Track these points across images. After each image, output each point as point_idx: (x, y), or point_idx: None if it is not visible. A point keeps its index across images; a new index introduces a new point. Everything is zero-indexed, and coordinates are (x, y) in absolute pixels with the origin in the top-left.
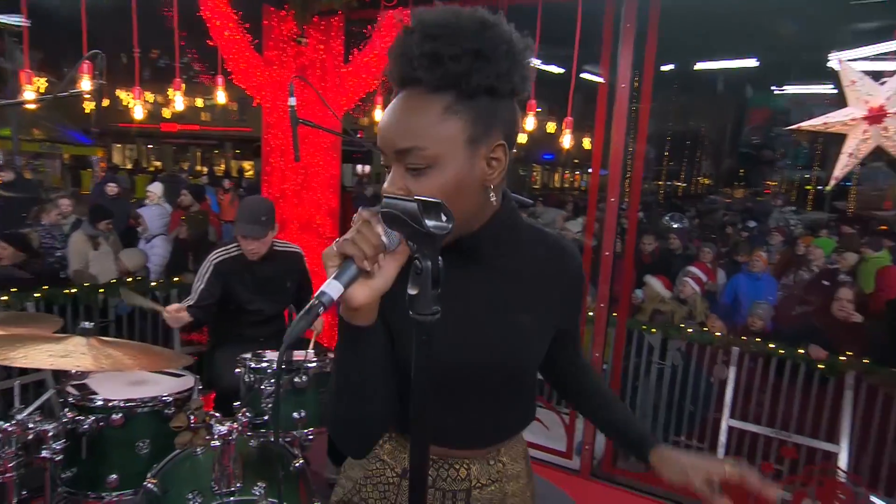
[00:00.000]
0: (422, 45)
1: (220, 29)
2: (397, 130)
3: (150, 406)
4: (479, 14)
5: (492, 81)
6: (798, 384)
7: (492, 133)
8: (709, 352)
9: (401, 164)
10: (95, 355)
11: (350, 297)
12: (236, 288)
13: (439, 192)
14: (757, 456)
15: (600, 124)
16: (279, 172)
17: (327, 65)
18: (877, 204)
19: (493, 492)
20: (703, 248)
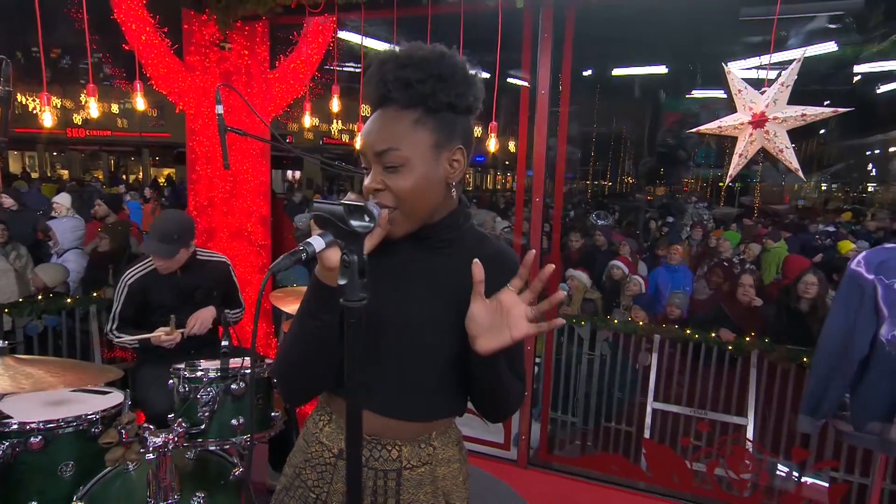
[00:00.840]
0: (395, 72)
1: (137, 33)
2: (376, 136)
3: (73, 426)
4: (439, 48)
5: (451, 99)
6: (711, 366)
7: (453, 140)
8: (633, 340)
9: (379, 163)
10: (13, 375)
11: (328, 256)
12: (156, 301)
13: (412, 185)
14: (679, 434)
15: (523, 128)
16: (206, 180)
17: (253, 70)
18: (777, 199)
19: (422, 473)
20: (622, 243)
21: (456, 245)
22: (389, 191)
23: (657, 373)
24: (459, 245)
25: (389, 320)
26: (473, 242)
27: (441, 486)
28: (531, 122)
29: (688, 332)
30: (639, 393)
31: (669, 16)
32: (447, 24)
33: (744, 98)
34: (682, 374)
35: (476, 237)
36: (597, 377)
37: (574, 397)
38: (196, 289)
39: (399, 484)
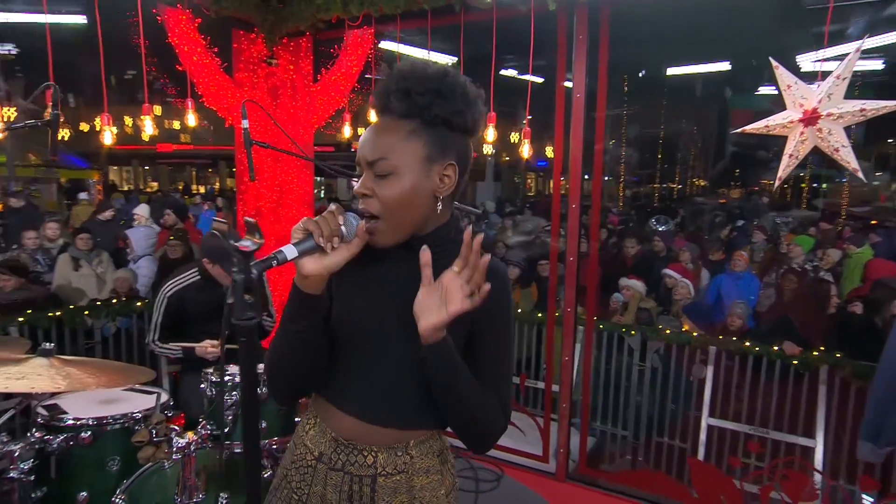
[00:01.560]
0: (397, 83)
1: (189, 54)
2: (370, 145)
3: (120, 423)
4: (443, 67)
5: (447, 115)
6: (774, 381)
7: (445, 155)
8: (686, 352)
9: (370, 171)
10: (52, 375)
11: (302, 265)
12: (192, 313)
13: (398, 195)
14: (739, 453)
15: (559, 131)
16: (254, 191)
17: (297, 84)
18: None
19: (398, 481)
20: (683, 249)
21: (445, 258)
22: (376, 198)
23: (713, 387)
24: (449, 258)
25: (371, 326)
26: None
27: (418, 496)
28: (567, 126)
29: (746, 345)
30: (693, 407)
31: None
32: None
33: (794, 94)
34: (740, 388)
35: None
36: (647, 389)
37: (624, 409)
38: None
39: (374, 490)
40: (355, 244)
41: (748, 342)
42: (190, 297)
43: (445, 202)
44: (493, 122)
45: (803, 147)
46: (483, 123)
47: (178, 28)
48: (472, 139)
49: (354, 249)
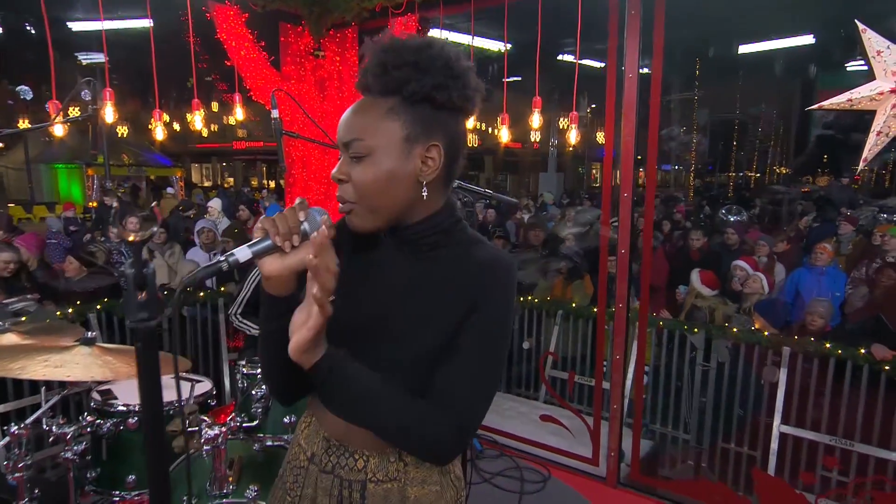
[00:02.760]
0: (374, 58)
1: (237, 49)
2: (345, 125)
3: (168, 409)
4: (428, 39)
5: (428, 90)
6: (862, 388)
7: (429, 136)
8: (757, 352)
9: (346, 153)
10: (89, 364)
11: (263, 265)
12: None
13: (373, 178)
14: (815, 466)
15: (610, 117)
16: (301, 183)
17: (344, 75)
18: None
19: (388, 489)
20: (759, 241)
21: (441, 249)
22: (352, 182)
23: (786, 391)
24: (446, 249)
25: (359, 324)
26: (463, 247)
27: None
28: (618, 111)
29: (827, 346)
30: (764, 413)
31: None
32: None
33: (885, 61)
34: (820, 395)
35: (467, 241)
36: (712, 391)
37: (687, 411)
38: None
39: (363, 497)
40: (317, 243)
41: (829, 343)
42: None
43: (433, 187)
44: (538, 107)
45: (895, 122)
46: (478, 98)
47: (226, 23)
48: (465, 117)
49: (316, 249)
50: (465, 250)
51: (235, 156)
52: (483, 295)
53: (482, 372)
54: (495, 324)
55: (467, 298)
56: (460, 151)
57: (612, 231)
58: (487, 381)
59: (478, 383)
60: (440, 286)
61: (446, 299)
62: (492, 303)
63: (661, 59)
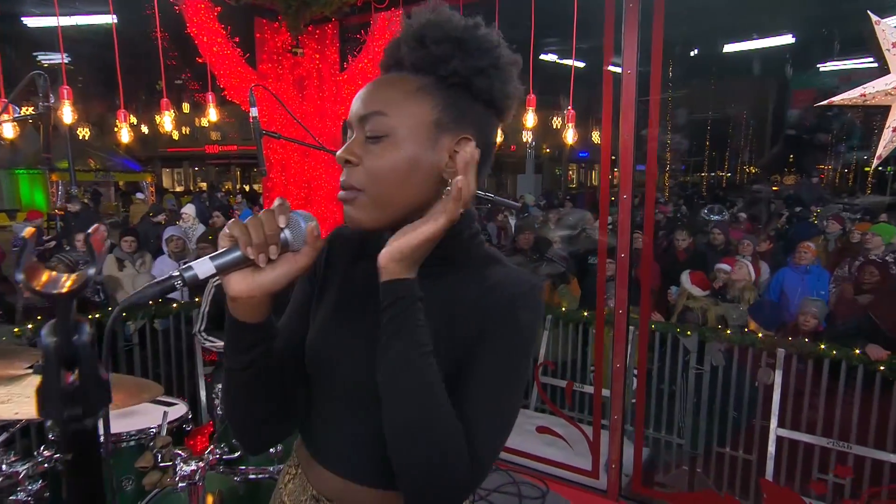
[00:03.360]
0: (410, 29)
1: (209, 45)
2: (364, 97)
3: (136, 439)
4: (477, 20)
5: (469, 73)
6: (857, 388)
7: (462, 127)
8: (751, 354)
9: (360, 131)
10: None
11: (228, 283)
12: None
13: (391, 163)
14: (814, 468)
15: (607, 116)
16: (281, 187)
17: (324, 74)
18: None
19: None
20: (743, 240)
21: (453, 267)
22: (362, 166)
23: (782, 393)
24: (459, 268)
25: (352, 358)
26: (477, 266)
27: None
28: (616, 110)
29: (822, 348)
30: (759, 416)
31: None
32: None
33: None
34: (815, 396)
35: (483, 259)
36: (706, 394)
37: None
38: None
39: None
40: (304, 255)
41: (823, 345)
42: None
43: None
44: (532, 105)
45: None
46: (515, 104)
47: (197, 17)
48: (498, 120)
49: (303, 262)
50: (480, 269)
51: (208, 160)
52: (500, 320)
53: (500, 404)
54: (514, 351)
55: (480, 323)
56: (490, 155)
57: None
58: (505, 414)
59: (494, 416)
60: (448, 308)
61: (456, 323)
62: (509, 330)
63: (661, 55)
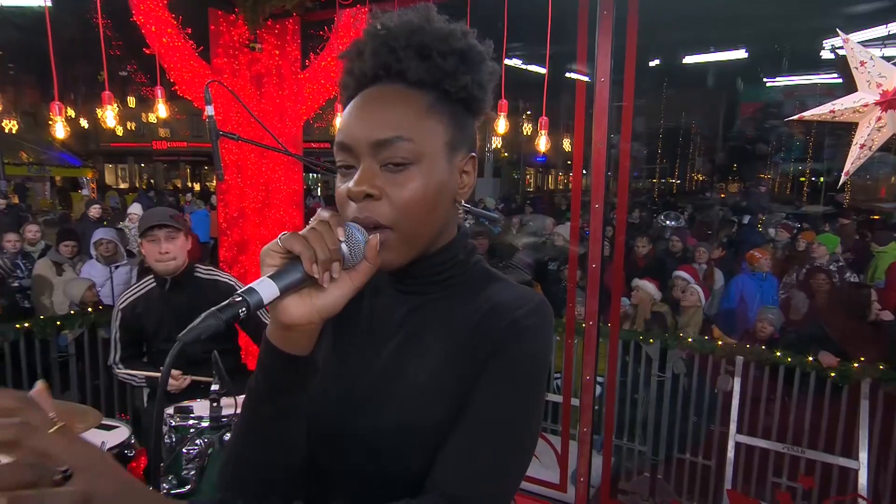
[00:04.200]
0: (410, 38)
1: (158, 35)
2: (376, 120)
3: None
4: (461, 26)
5: (472, 88)
6: (809, 394)
7: (465, 143)
8: (711, 361)
9: (375, 159)
10: None
11: (285, 309)
12: (152, 327)
13: (421, 196)
14: (769, 472)
15: (580, 123)
16: (237, 190)
17: (284, 71)
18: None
19: None
20: (698, 247)
21: (452, 288)
22: (387, 200)
23: (741, 400)
24: (458, 288)
25: (354, 395)
26: (478, 285)
27: None
28: (588, 117)
29: (778, 355)
30: (719, 422)
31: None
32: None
33: (868, 72)
34: (772, 402)
35: (482, 277)
36: (668, 401)
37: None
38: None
39: None
40: (363, 271)
41: (779, 352)
42: (146, 307)
43: (456, 209)
44: (504, 110)
45: (879, 135)
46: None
47: (144, 4)
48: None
49: (362, 280)
50: (482, 289)
51: (156, 156)
52: (506, 343)
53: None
54: (523, 377)
55: (484, 349)
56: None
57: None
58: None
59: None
60: (453, 334)
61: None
62: (517, 353)
63: (635, 63)
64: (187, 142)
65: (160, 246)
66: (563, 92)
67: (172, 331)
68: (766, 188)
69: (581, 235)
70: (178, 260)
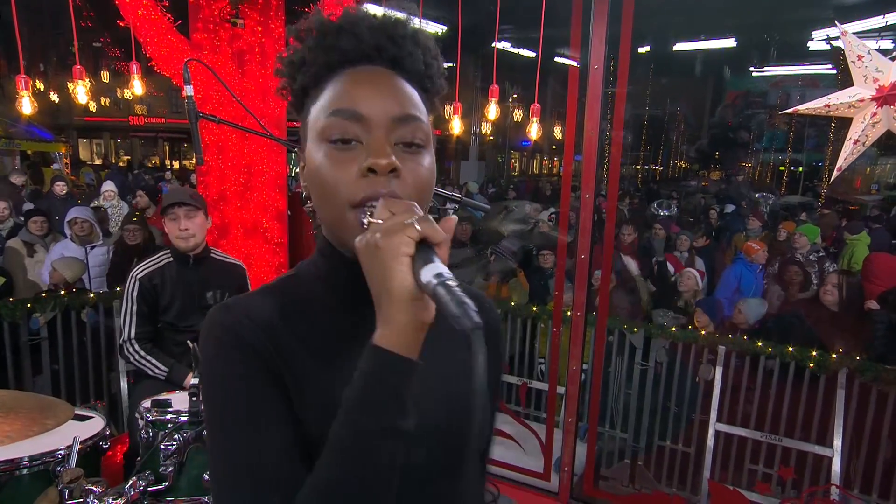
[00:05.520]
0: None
1: (132, 7)
2: (397, 97)
3: (38, 465)
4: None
5: (440, 82)
6: (787, 384)
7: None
8: (693, 351)
9: (390, 135)
10: None
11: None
12: (165, 301)
13: (430, 178)
14: (745, 460)
15: (572, 109)
16: (217, 171)
17: (267, 49)
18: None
19: None
20: (680, 235)
21: None
22: (402, 182)
23: (721, 389)
24: None
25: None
26: None
27: None
28: (581, 104)
29: (759, 345)
30: (699, 411)
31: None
32: None
33: (865, 66)
34: (751, 391)
35: None
36: (650, 390)
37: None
38: (208, 290)
39: None
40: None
41: (760, 342)
42: (161, 280)
43: None
44: (496, 96)
45: (874, 131)
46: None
47: None
48: None
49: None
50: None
51: (132, 132)
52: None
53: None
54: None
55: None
56: None
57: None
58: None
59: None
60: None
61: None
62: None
63: (629, 50)
64: (165, 118)
65: (180, 223)
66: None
67: (183, 306)
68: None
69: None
70: (197, 237)
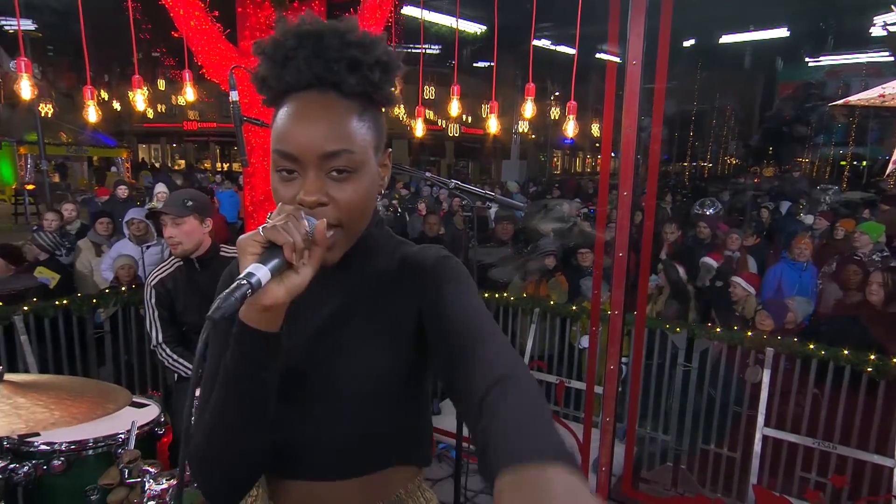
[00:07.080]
0: (341, 50)
1: (185, 18)
2: (324, 132)
3: (102, 447)
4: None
5: (388, 93)
6: (843, 388)
7: (383, 141)
8: (739, 352)
9: (322, 169)
10: None
11: (266, 291)
12: (181, 306)
13: (361, 197)
14: (796, 468)
15: (609, 106)
16: (263, 173)
17: None
18: None
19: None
20: (730, 234)
21: (372, 256)
22: (334, 204)
23: (769, 392)
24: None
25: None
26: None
27: None
28: (619, 100)
29: (811, 347)
30: (745, 414)
31: None
32: None
33: None
34: (802, 395)
35: (395, 245)
36: (693, 391)
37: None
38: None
39: None
40: (317, 255)
41: (812, 344)
42: (174, 284)
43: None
44: (532, 94)
45: None
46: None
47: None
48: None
49: (318, 262)
50: (395, 252)
51: (186, 137)
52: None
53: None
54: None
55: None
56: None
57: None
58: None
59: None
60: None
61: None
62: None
63: (668, 45)
64: (216, 122)
65: (166, 231)
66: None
67: (198, 309)
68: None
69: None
70: (184, 244)
